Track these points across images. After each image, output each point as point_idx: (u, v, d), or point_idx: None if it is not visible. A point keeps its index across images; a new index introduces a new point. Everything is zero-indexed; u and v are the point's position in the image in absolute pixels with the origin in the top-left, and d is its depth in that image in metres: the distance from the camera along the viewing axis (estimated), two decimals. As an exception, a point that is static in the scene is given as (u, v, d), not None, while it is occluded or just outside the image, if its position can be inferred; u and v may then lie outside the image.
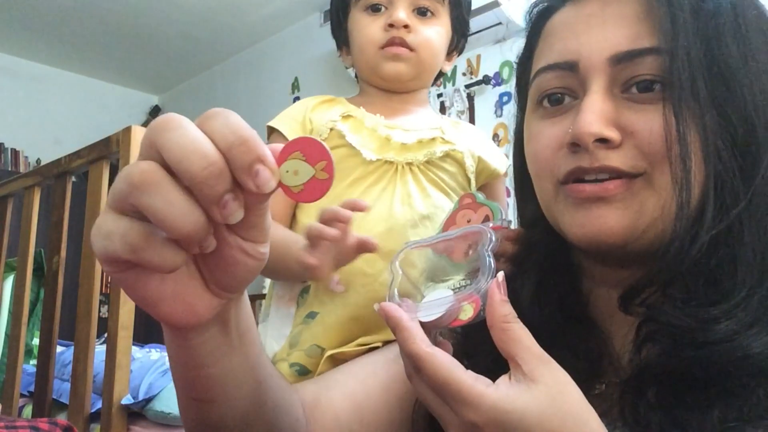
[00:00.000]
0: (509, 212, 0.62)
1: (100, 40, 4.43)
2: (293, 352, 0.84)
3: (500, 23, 2.89)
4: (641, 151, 0.45)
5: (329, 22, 1.04)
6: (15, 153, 4.51)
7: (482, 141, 0.98)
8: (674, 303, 0.44)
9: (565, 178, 0.48)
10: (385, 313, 0.42)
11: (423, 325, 0.42)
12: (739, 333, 0.41)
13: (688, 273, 0.44)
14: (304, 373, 0.83)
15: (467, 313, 0.42)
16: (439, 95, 3.21)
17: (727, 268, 0.43)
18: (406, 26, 0.90)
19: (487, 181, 0.96)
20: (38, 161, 4.46)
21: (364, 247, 0.71)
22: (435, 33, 0.92)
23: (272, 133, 0.93)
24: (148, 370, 1.62)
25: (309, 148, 0.33)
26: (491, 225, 0.50)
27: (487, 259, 0.43)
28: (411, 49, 0.91)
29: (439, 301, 0.43)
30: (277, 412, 0.50)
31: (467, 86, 3.12)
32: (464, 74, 3.13)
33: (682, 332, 0.42)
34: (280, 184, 0.32)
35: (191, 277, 0.36)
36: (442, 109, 3.14)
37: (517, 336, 0.39)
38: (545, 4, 0.55)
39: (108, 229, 0.31)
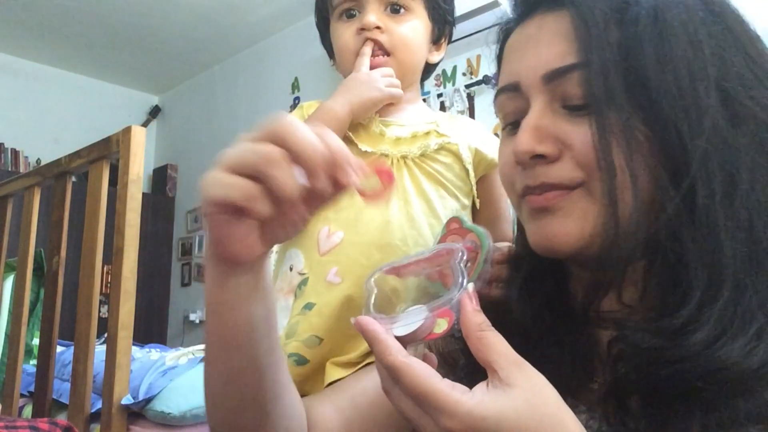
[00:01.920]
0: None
1: (100, 40, 4.43)
2: (290, 342, 0.85)
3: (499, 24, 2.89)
4: (578, 162, 0.47)
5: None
6: (15, 153, 4.51)
7: (480, 133, 0.98)
8: (635, 315, 0.45)
9: (521, 192, 0.51)
10: (361, 327, 0.43)
11: (400, 339, 0.43)
12: (711, 345, 0.41)
13: (638, 279, 0.46)
14: (302, 362, 0.84)
15: (441, 327, 0.43)
16: (439, 95, 3.21)
17: (679, 276, 0.44)
18: (378, 27, 0.89)
19: (485, 172, 0.96)
20: (38, 161, 4.46)
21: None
22: (410, 29, 0.91)
23: None
24: (148, 370, 1.62)
25: (380, 169, 0.45)
26: (482, 251, 0.50)
27: (458, 272, 0.44)
28: (387, 54, 0.91)
29: (412, 315, 0.43)
30: (284, 377, 0.55)
31: (467, 86, 3.12)
32: (464, 74, 3.13)
33: (650, 353, 0.42)
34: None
35: (255, 228, 0.45)
36: (442, 109, 3.14)
37: (491, 343, 0.40)
38: (506, 26, 0.58)
39: (229, 182, 0.41)
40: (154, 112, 5.36)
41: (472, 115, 3.08)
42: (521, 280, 0.55)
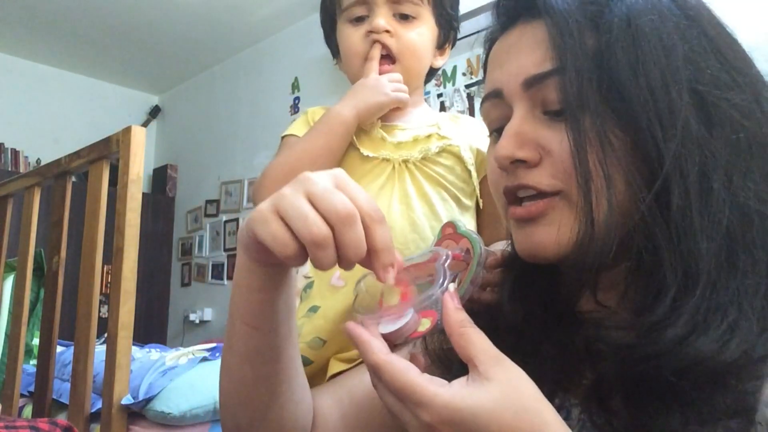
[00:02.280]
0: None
1: (100, 40, 4.43)
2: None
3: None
4: (556, 168, 0.48)
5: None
6: (15, 153, 4.51)
7: (482, 133, 0.99)
8: (615, 316, 0.46)
9: (505, 198, 0.52)
10: (348, 333, 0.45)
11: (386, 337, 0.44)
12: (684, 339, 0.42)
13: (619, 281, 0.47)
14: (306, 363, 0.85)
15: (425, 325, 0.44)
16: (439, 95, 3.21)
17: (655, 277, 0.45)
18: (387, 31, 0.90)
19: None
20: (38, 161, 4.46)
21: None
22: (417, 35, 0.92)
23: (285, 137, 0.97)
24: (148, 370, 1.62)
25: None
26: (474, 255, 0.51)
27: (441, 273, 0.45)
28: (393, 61, 0.92)
29: (397, 313, 0.45)
30: (297, 364, 0.58)
31: (467, 86, 3.12)
32: (464, 74, 3.13)
33: (627, 351, 0.43)
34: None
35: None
36: (442, 109, 3.14)
37: (472, 340, 0.41)
38: (489, 36, 0.59)
39: (274, 233, 0.44)
40: (154, 112, 5.36)
41: (471, 114, 3.08)
42: (512, 280, 0.57)
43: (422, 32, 0.93)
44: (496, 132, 0.55)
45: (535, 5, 0.50)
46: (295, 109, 4.16)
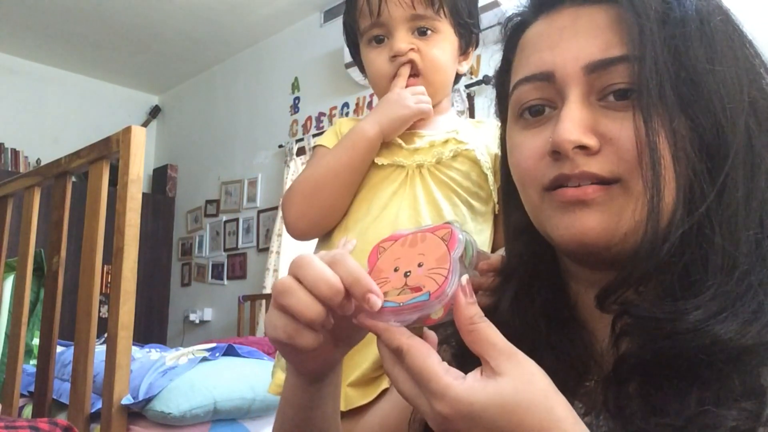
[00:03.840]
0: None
1: (100, 40, 4.43)
2: None
3: (500, 23, 2.89)
4: (618, 157, 0.47)
5: (330, 22, 1.07)
6: (15, 153, 4.51)
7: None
8: (647, 299, 0.47)
9: (549, 184, 0.50)
10: (362, 323, 0.45)
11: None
12: (706, 321, 0.42)
13: (659, 271, 0.46)
14: None
15: (438, 314, 0.44)
16: (439, 95, 3.21)
17: (697, 266, 0.45)
18: (411, 49, 0.91)
19: None
20: (38, 161, 4.46)
21: None
22: (439, 51, 0.93)
23: (317, 147, 0.99)
24: (148, 370, 1.62)
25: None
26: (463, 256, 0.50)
27: (456, 264, 0.45)
28: (417, 75, 0.92)
29: (413, 304, 0.45)
30: None
31: (467, 86, 3.12)
32: (464, 74, 3.13)
33: (653, 324, 0.44)
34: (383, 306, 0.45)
35: (327, 341, 0.49)
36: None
37: (484, 335, 0.41)
38: (519, 18, 0.58)
39: (274, 323, 0.47)
40: (154, 112, 5.36)
41: (472, 114, 3.08)
42: (514, 290, 0.56)
43: (443, 47, 0.93)
44: (530, 115, 0.53)
45: None
46: (295, 109, 4.16)
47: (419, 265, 0.47)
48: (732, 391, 0.41)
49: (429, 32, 0.92)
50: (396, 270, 0.48)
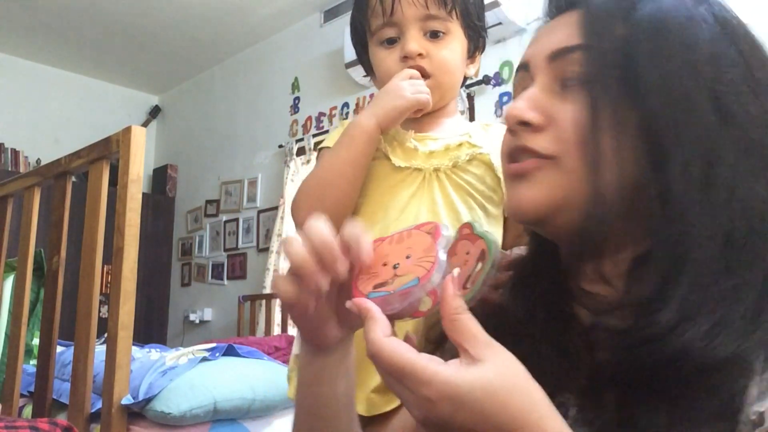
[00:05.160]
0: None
1: (100, 40, 4.43)
2: None
3: (500, 23, 2.89)
4: (557, 136, 0.51)
5: (330, 22, 1.07)
6: (15, 153, 4.51)
7: None
8: (609, 302, 0.48)
9: (507, 159, 0.55)
10: (357, 306, 0.47)
11: (389, 315, 0.46)
12: (675, 327, 0.43)
13: (616, 267, 0.49)
14: None
15: (426, 305, 0.46)
16: (439, 95, 3.21)
17: (647, 258, 0.47)
18: (420, 54, 0.91)
19: None
20: (38, 161, 4.46)
21: None
22: (449, 52, 0.93)
23: (323, 149, 0.98)
24: (148, 370, 1.62)
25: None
26: (486, 259, 0.52)
27: (442, 255, 0.47)
28: (427, 77, 0.92)
29: (401, 291, 0.47)
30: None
31: (467, 86, 3.12)
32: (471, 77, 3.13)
33: (622, 335, 0.45)
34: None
35: (330, 318, 0.54)
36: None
37: (465, 326, 0.43)
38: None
39: (277, 282, 0.51)
40: (154, 112, 5.36)
41: (472, 114, 3.08)
42: (516, 278, 0.59)
43: (453, 48, 0.93)
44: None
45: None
46: (295, 109, 4.17)
47: (407, 257, 0.49)
48: (703, 410, 0.41)
49: (440, 33, 0.92)
50: (385, 265, 0.50)
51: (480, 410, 0.40)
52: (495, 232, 0.95)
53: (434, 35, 0.92)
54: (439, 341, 0.57)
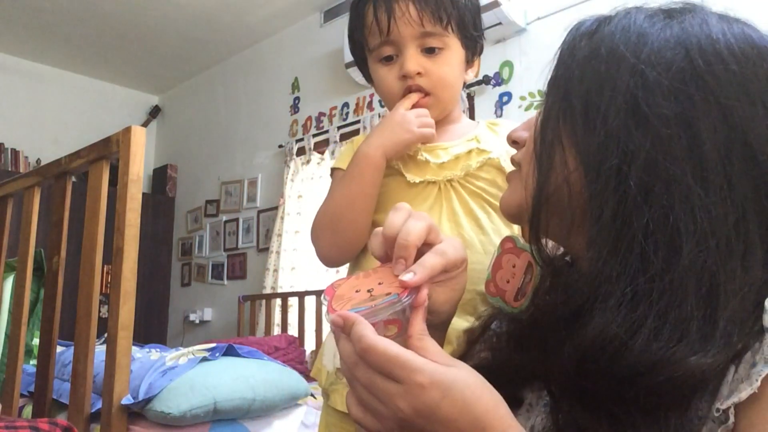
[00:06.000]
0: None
1: (100, 40, 4.43)
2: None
3: (500, 23, 2.89)
4: (525, 150, 0.60)
5: (330, 22, 1.07)
6: (15, 153, 4.51)
7: None
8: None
9: None
10: (342, 318, 0.50)
11: None
12: (632, 336, 0.44)
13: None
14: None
15: (391, 332, 0.52)
16: (439, 95, 3.21)
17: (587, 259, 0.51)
18: (419, 73, 0.92)
19: None
20: (38, 161, 4.46)
21: None
22: (448, 68, 0.94)
23: (335, 171, 1.01)
24: (148, 370, 1.62)
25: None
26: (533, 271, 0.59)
27: (402, 294, 0.52)
28: (427, 93, 0.93)
29: (388, 301, 0.52)
30: None
31: (467, 86, 3.12)
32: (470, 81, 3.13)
33: (560, 342, 0.49)
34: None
35: None
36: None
37: (427, 346, 0.49)
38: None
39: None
40: (154, 112, 5.36)
41: (472, 114, 3.08)
42: (540, 281, 0.62)
43: (451, 62, 0.94)
44: None
45: None
46: (295, 109, 4.17)
47: (379, 284, 0.54)
48: (663, 430, 0.43)
49: (437, 50, 0.93)
50: (357, 291, 0.54)
51: (461, 399, 0.46)
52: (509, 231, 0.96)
53: (431, 51, 0.93)
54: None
